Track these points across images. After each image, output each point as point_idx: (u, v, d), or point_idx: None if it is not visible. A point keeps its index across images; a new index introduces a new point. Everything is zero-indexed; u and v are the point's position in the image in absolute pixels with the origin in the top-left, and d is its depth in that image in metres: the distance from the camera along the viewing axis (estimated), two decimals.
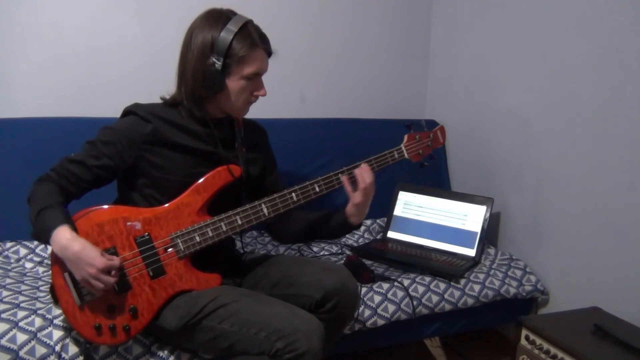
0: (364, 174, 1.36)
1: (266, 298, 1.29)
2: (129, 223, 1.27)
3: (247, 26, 1.28)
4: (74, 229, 1.20)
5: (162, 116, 1.32)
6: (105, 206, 1.28)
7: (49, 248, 1.66)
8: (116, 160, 1.29)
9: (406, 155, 1.49)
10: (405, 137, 1.50)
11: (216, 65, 1.26)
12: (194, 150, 1.33)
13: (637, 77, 1.57)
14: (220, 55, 1.25)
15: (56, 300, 1.24)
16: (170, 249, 1.29)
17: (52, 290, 1.25)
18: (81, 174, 1.29)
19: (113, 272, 1.20)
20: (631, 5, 1.58)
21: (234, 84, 1.30)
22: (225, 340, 1.21)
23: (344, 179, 1.37)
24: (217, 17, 1.28)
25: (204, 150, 1.35)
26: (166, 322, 1.26)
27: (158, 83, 1.37)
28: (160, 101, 1.38)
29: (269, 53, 1.34)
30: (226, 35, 1.25)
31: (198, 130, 1.35)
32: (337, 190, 1.39)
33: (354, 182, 1.37)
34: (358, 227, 1.44)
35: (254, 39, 1.28)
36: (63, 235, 1.16)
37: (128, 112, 1.33)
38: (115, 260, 1.21)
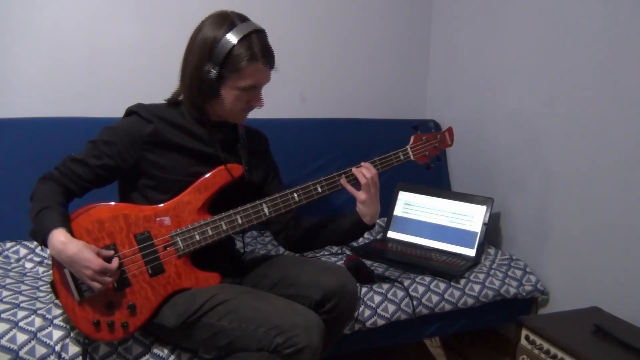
0: (362, 170, 1.36)
1: (265, 294, 1.30)
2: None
3: (250, 36, 1.24)
4: (70, 231, 1.20)
5: (164, 117, 1.32)
6: (106, 203, 1.29)
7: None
8: (117, 160, 1.30)
9: (412, 157, 1.47)
10: (412, 139, 1.48)
11: (212, 73, 1.24)
12: (195, 152, 1.34)
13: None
14: (217, 63, 1.23)
15: (57, 295, 1.25)
16: (169, 247, 1.29)
17: (53, 286, 1.25)
18: (83, 173, 1.29)
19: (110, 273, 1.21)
20: (632, 4, 1.58)
21: (228, 93, 1.28)
22: (224, 337, 1.21)
23: (342, 181, 1.37)
24: (221, 22, 1.25)
25: (205, 152, 1.35)
26: (165, 319, 1.26)
27: (158, 83, 1.37)
28: (162, 101, 1.38)
29: (270, 67, 1.30)
30: (226, 43, 1.22)
31: (200, 132, 1.35)
32: (339, 191, 1.39)
33: (355, 181, 1.37)
34: (372, 226, 1.43)
35: (254, 52, 1.24)
36: (57, 238, 1.16)
37: (130, 112, 1.34)
38: (113, 264, 1.21)
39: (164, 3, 1.99)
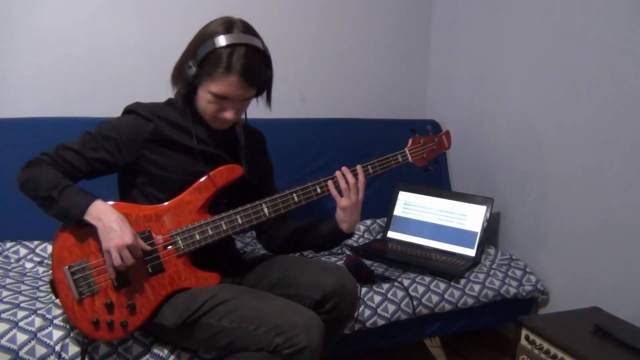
0: (347, 174, 1.36)
1: (265, 294, 1.30)
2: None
3: (237, 47, 1.21)
4: None
5: (162, 116, 1.33)
6: (107, 202, 1.28)
7: (49, 248, 1.67)
8: (115, 156, 1.30)
9: (410, 159, 1.48)
10: (410, 141, 1.49)
11: (192, 69, 1.24)
12: (194, 150, 1.34)
13: None
14: (197, 61, 1.23)
15: (56, 295, 1.25)
16: (169, 247, 1.29)
17: (52, 285, 1.25)
18: (76, 162, 1.28)
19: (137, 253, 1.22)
20: (633, 6, 1.58)
21: (202, 94, 1.28)
22: (224, 337, 1.21)
23: (329, 183, 1.36)
24: (223, 24, 1.24)
25: (204, 151, 1.35)
26: (165, 319, 1.26)
27: (158, 83, 1.37)
28: (172, 98, 1.38)
29: (247, 85, 1.25)
30: (211, 45, 1.22)
31: (198, 131, 1.35)
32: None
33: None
34: (350, 235, 1.42)
35: (232, 63, 1.21)
36: (103, 205, 1.21)
37: (129, 110, 1.34)
38: (146, 246, 1.24)
39: (164, 3, 1.99)
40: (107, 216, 1.20)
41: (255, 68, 1.25)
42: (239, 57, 1.21)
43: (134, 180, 1.34)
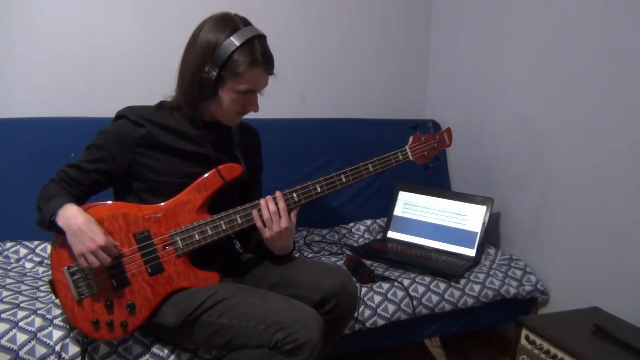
0: (269, 203, 1.32)
1: (264, 292, 1.30)
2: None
3: (252, 41, 1.24)
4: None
5: (153, 120, 1.32)
6: (105, 202, 1.29)
7: (49, 248, 1.67)
8: (110, 163, 1.30)
9: (411, 157, 1.48)
10: (411, 139, 1.49)
11: (211, 74, 1.24)
12: (187, 153, 1.33)
13: None
14: (217, 65, 1.24)
15: (56, 294, 1.25)
16: (169, 247, 1.29)
17: (52, 284, 1.26)
18: (79, 177, 1.31)
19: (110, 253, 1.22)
20: (632, 5, 1.58)
21: (226, 95, 1.28)
22: (224, 335, 1.21)
23: (254, 212, 1.32)
24: (225, 24, 1.25)
25: (198, 153, 1.35)
26: (165, 318, 1.26)
27: (158, 83, 1.37)
28: (161, 99, 1.39)
29: (269, 73, 1.31)
30: (228, 46, 1.23)
31: (192, 132, 1.34)
32: (339, 191, 1.39)
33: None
34: (290, 253, 1.42)
35: (255, 57, 1.24)
36: (70, 209, 1.20)
37: (120, 116, 1.34)
38: (117, 248, 1.24)
39: (164, 3, 1.99)
40: (74, 219, 1.19)
41: (271, 54, 1.30)
42: (257, 49, 1.25)
43: (129, 187, 1.34)
